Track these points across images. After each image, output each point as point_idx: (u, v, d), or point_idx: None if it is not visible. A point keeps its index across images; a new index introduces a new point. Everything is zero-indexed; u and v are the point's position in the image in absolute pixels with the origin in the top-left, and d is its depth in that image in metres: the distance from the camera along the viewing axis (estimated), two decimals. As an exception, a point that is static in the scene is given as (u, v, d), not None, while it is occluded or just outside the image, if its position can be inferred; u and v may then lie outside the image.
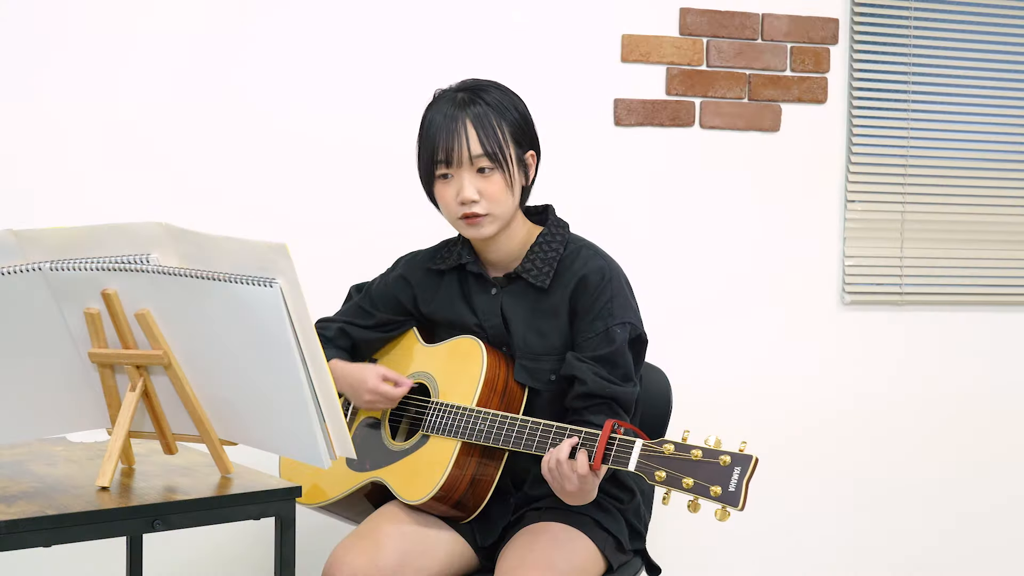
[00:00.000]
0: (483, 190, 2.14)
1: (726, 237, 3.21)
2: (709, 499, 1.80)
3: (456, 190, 2.14)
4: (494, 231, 2.18)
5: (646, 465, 1.87)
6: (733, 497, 1.79)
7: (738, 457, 1.82)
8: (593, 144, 3.09)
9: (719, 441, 1.85)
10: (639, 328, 2.18)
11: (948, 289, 3.39)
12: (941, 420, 3.42)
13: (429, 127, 2.17)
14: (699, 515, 3.22)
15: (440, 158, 2.14)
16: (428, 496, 2.12)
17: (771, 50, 3.21)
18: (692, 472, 1.83)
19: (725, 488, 1.80)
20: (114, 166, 2.75)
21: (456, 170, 2.14)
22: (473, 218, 2.15)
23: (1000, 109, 3.40)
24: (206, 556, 2.85)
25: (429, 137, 2.16)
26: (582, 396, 2.11)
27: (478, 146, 2.13)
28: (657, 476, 1.85)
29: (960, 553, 3.44)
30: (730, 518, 1.80)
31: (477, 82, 2.21)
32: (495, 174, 2.14)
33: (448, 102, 2.17)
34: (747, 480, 1.80)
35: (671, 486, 1.84)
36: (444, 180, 2.16)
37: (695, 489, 1.81)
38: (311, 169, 2.88)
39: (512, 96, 2.21)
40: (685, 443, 1.86)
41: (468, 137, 2.12)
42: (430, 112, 2.19)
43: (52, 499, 1.72)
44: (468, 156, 2.13)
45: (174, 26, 2.77)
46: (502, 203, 2.15)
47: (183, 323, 1.75)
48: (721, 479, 1.80)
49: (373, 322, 2.34)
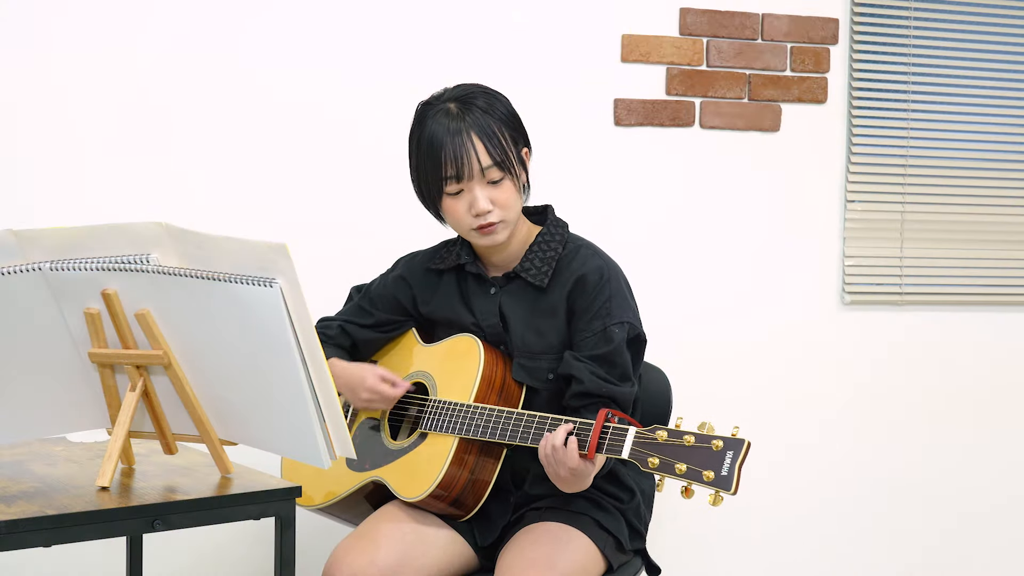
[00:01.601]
0: (495, 199, 2.13)
1: (726, 237, 3.21)
2: (702, 484, 1.80)
3: (468, 203, 2.13)
4: (507, 235, 2.18)
5: (639, 452, 1.87)
6: (726, 481, 1.79)
7: (730, 441, 1.82)
8: (593, 144, 3.09)
9: (711, 427, 1.85)
10: (637, 328, 2.18)
11: (948, 289, 3.39)
12: (941, 420, 3.42)
13: (431, 142, 2.13)
14: (699, 516, 3.23)
15: (450, 174, 2.11)
16: (426, 493, 2.12)
17: (771, 50, 3.21)
18: (685, 458, 1.83)
19: (718, 472, 1.79)
20: (114, 166, 2.75)
21: (467, 183, 2.12)
22: (488, 227, 2.14)
23: (1000, 109, 3.40)
24: (206, 556, 2.85)
25: (433, 153, 2.12)
26: (579, 395, 2.12)
27: (487, 157, 2.11)
28: (650, 463, 1.85)
29: (960, 553, 3.44)
30: (723, 502, 1.80)
31: (463, 90, 2.17)
32: (505, 181, 2.13)
33: (444, 115, 2.13)
34: (740, 464, 1.79)
35: (664, 472, 1.84)
36: (455, 196, 2.14)
37: (688, 474, 1.81)
38: (311, 169, 2.88)
39: (498, 96, 2.18)
40: (678, 429, 1.86)
41: (476, 149, 2.10)
42: (427, 127, 2.14)
43: (52, 499, 1.72)
44: (479, 168, 2.11)
45: (174, 26, 2.77)
46: (513, 208, 2.16)
47: (183, 323, 1.75)
48: (714, 464, 1.80)
49: (372, 321, 2.34)
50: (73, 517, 1.65)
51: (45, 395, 1.85)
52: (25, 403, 1.85)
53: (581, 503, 2.18)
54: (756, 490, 3.23)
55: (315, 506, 2.32)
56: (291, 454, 1.83)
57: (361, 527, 2.18)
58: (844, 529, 3.35)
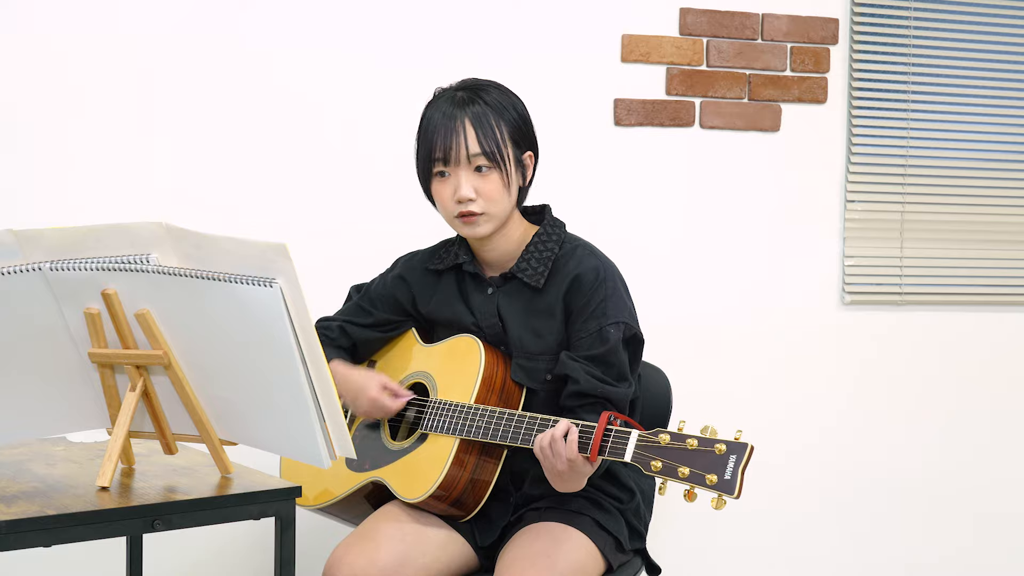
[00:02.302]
0: (480, 189, 2.14)
1: (726, 237, 3.21)
2: (705, 488, 1.80)
3: (453, 188, 2.15)
4: (490, 230, 2.18)
5: (642, 455, 1.86)
6: (729, 485, 1.78)
7: (733, 445, 1.81)
8: (593, 144, 3.09)
9: (714, 430, 1.85)
10: (634, 328, 2.17)
11: (948, 289, 3.39)
12: (941, 420, 3.42)
13: (428, 125, 2.17)
14: (698, 516, 3.23)
15: (438, 156, 2.15)
16: (427, 494, 2.12)
17: (771, 50, 3.21)
18: (688, 461, 1.82)
19: (721, 476, 1.79)
20: (114, 166, 2.75)
21: (453, 168, 2.15)
22: (469, 216, 2.15)
23: (1000, 109, 3.40)
24: (206, 556, 2.85)
25: (427, 135, 2.17)
26: (574, 395, 2.11)
27: (476, 145, 2.13)
28: (653, 466, 1.84)
29: (960, 553, 3.44)
30: (726, 506, 1.79)
31: (477, 82, 2.22)
32: (492, 173, 2.14)
33: (447, 101, 2.17)
34: (743, 468, 1.79)
35: (667, 476, 1.84)
36: (441, 178, 2.17)
37: (691, 478, 1.81)
38: (311, 170, 2.88)
39: (512, 96, 2.21)
40: (681, 433, 1.86)
41: (466, 136, 2.13)
42: (429, 110, 2.20)
43: (52, 499, 1.72)
44: (466, 155, 2.13)
45: (175, 25, 2.77)
46: (498, 203, 2.16)
47: (183, 323, 1.75)
48: (717, 467, 1.80)
49: (372, 321, 2.35)
50: (73, 517, 1.65)
51: (45, 395, 1.85)
52: (25, 403, 1.85)
53: (581, 503, 2.18)
54: (756, 490, 3.22)
55: (315, 506, 2.32)
56: (291, 454, 1.83)
57: (361, 527, 2.18)
58: (844, 529, 3.35)
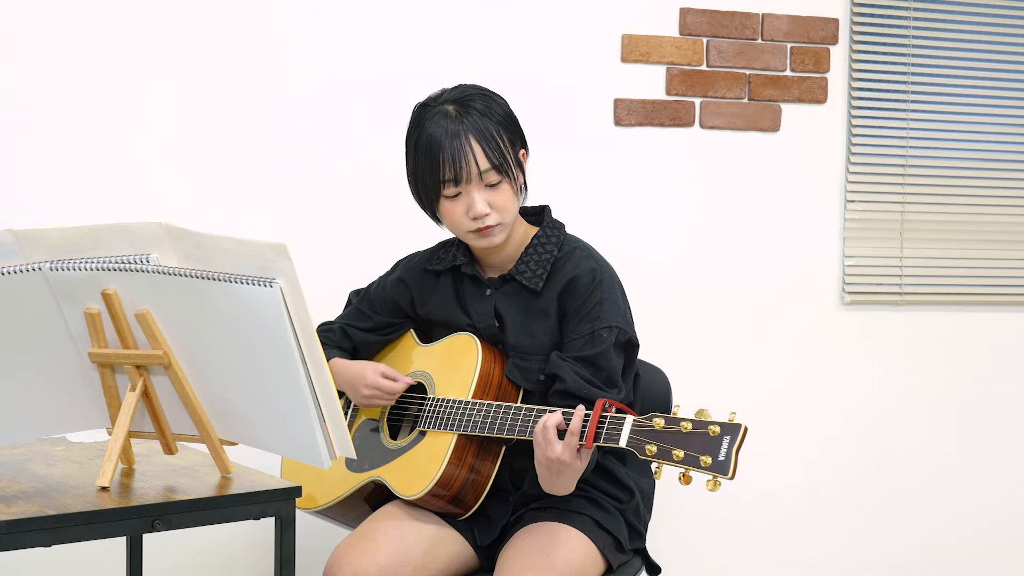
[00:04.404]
0: (493, 202, 2.13)
1: (726, 237, 3.21)
2: (700, 470, 1.79)
3: (466, 207, 2.12)
4: (504, 238, 2.18)
5: (637, 440, 1.86)
6: (723, 466, 1.78)
7: (727, 426, 1.81)
8: (593, 144, 3.09)
9: (708, 413, 1.84)
10: (628, 332, 2.16)
11: (948, 289, 3.39)
12: (941, 420, 3.42)
13: (429, 145, 2.12)
14: (698, 515, 3.23)
15: (448, 177, 2.11)
16: (425, 490, 2.12)
17: (771, 50, 3.21)
18: (682, 444, 1.82)
19: (715, 458, 1.78)
20: (115, 166, 2.75)
21: (465, 187, 2.12)
22: (485, 229, 2.14)
23: (1000, 109, 3.40)
24: (206, 556, 2.85)
25: (431, 155, 2.12)
26: (560, 394, 2.10)
27: (485, 161, 2.11)
28: (648, 450, 1.84)
29: (960, 553, 3.44)
30: (721, 488, 1.78)
31: (461, 92, 2.17)
32: (503, 184, 2.13)
33: (443, 117, 2.12)
34: (737, 449, 1.78)
35: (662, 459, 1.83)
36: (452, 198, 2.14)
37: (685, 460, 1.80)
38: (312, 170, 2.88)
39: (496, 98, 2.18)
40: (675, 416, 1.85)
41: (474, 153, 2.10)
42: (425, 129, 2.13)
43: (52, 499, 1.72)
44: (477, 172, 2.11)
45: (175, 28, 2.77)
46: (511, 211, 2.16)
47: (183, 323, 1.75)
48: (711, 449, 1.79)
49: (371, 325, 2.35)
50: (73, 517, 1.65)
51: (45, 395, 1.85)
52: (25, 403, 1.85)
53: (580, 503, 2.17)
54: (756, 490, 3.23)
55: (315, 508, 2.32)
56: (291, 454, 1.83)
57: (361, 527, 2.18)
58: (844, 528, 3.35)
